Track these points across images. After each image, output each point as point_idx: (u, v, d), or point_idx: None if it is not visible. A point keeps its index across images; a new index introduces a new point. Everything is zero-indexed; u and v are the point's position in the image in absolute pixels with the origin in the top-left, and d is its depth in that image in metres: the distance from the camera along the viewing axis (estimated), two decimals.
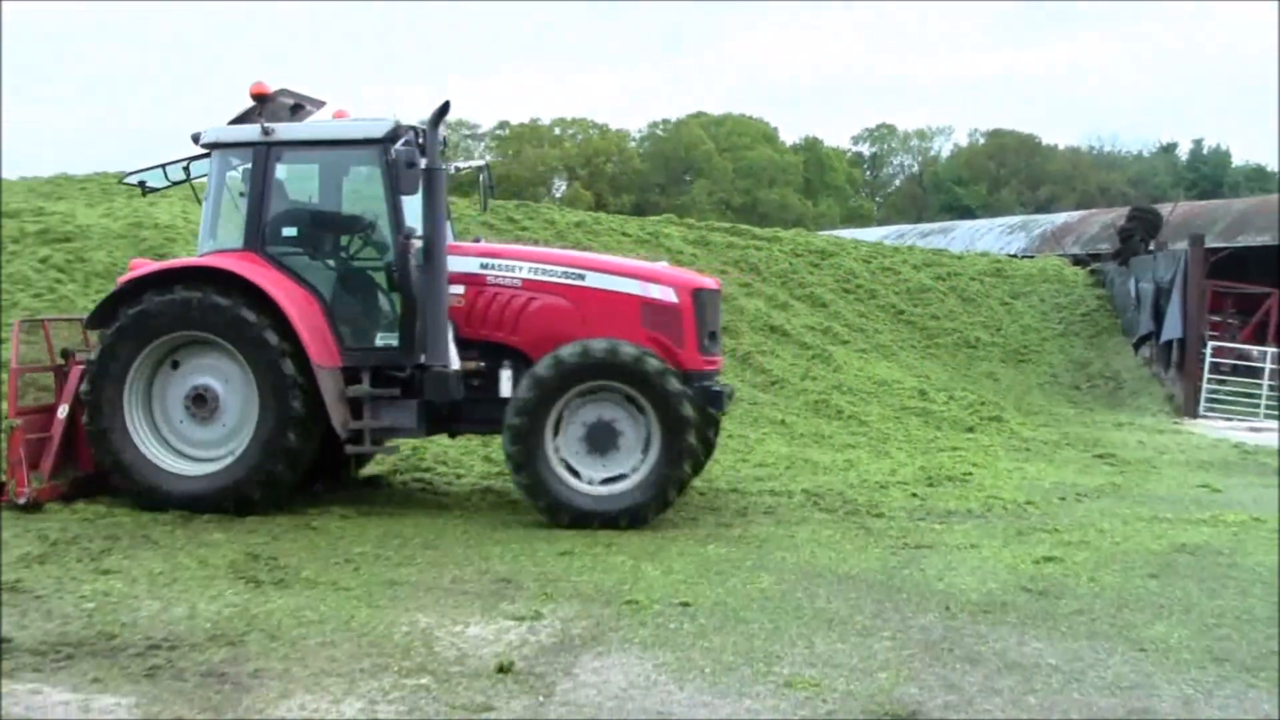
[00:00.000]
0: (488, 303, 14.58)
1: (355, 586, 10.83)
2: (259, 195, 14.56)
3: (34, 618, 9.62)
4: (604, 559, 12.11)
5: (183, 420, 14.48)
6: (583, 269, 14.63)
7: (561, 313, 14.42)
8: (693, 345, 14.39)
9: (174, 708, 7.62)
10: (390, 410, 14.41)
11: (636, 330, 14.19)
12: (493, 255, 14.85)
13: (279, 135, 14.59)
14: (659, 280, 14.61)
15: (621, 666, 8.64)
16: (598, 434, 13.94)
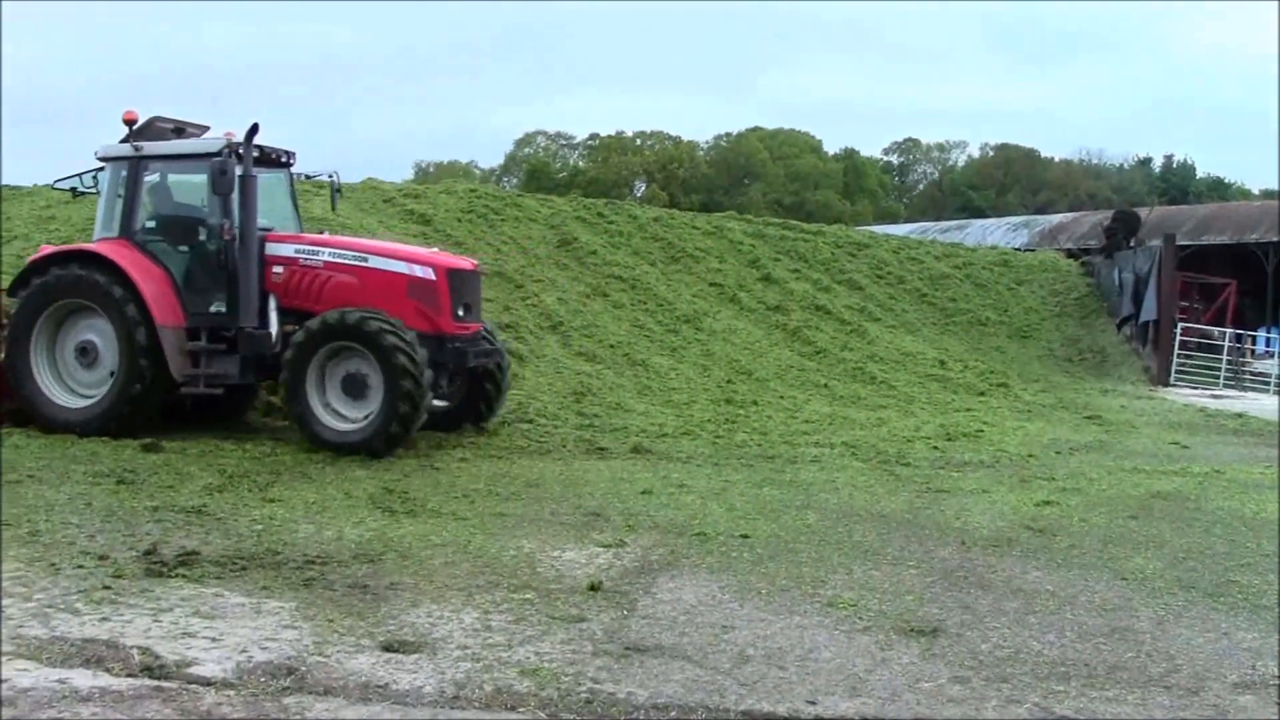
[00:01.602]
0: (300, 280, 15.28)
1: (471, 517, 10.90)
2: (130, 197, 15.65)
3: (215, 536, 9.76)
4: (677, 498, 12.14)
5: (75, 366, 15.56)
6: (367, 253, 15.39)
7: (351, 287, 15.09)
8: (447, 314, 15.10)
9: (326, 611, 7.71)
10: (220, 361, 15.24)
11: (404, 301, 14.94)
12: (304, 242, 15.61)
13: (145, 151, 15.62)
14: (421, 261, 15.27)
15: (692, 587, 8.66)
16: (351, 383, 14.60)
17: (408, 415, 14.27)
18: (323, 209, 24.39)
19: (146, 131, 15.85)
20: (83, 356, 15.49)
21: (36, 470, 12.59)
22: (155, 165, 15.84)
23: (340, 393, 14.70)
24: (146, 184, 15.81)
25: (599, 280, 26.78)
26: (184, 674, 6.48)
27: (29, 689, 6.17)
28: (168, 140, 15.94)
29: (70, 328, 15.56)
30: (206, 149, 15.27)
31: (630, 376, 21.63)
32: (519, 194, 35.11)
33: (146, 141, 15.69)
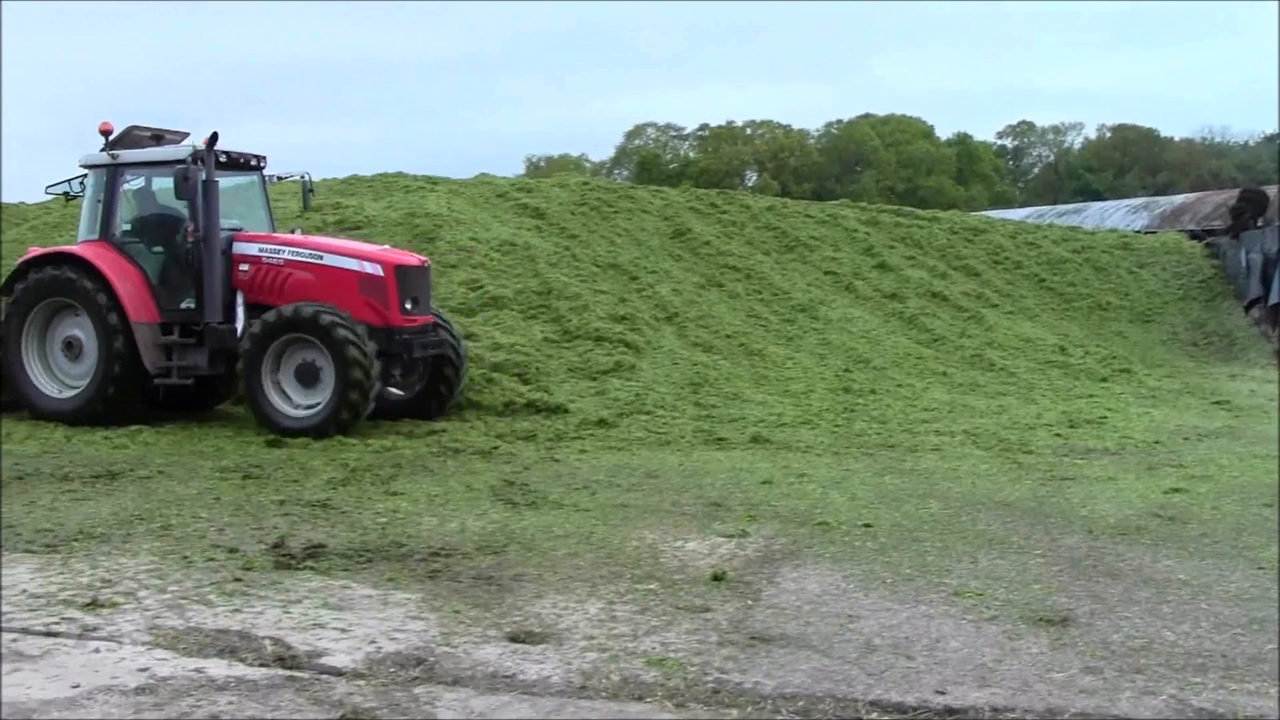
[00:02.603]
0: (264, 277, 16.17)
1: (593, 508, 10.96)
2: (108, 202, 16.60)
3: (341, 529, 9.92)
4: (798, 487, 12.09)
5: (62, 359, 16.62)
6: (323, 251, 16.22)
7: (308, 284, 15.93)
8: (395, 308, 15.86)
9: (452, 603, 7.80)
10: (190, 353, 16.19)
11: (355, 297, 15.77)
12: (267, 242, 16.44)
13: (121, 159, 16.56)
14: (371, 259, 16.02)
15: (816, 577, 8.63)
16: (304, 372, 15.41)
17: (357, 402, 15.10)
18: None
19: (125, 140, 16.83)
20: (69, 350, 16.57)
21: (166, 466, 12.91)
22: (130, 172, 16.78)
23: (294, 381, 15.55)
24: (123, 189, 16.78)
25: (713, 271, 26.74)
26: (315, 664, 6.60)
27: (168, 678, 6.32)
28: (145, 148, 16.91)
29: (58, 324, 16.65)
30: (173, 156, 16.28)
31: (747, 366, 21.57)
32: (631, 186, 35.17)
33: (126, 150, 16.68)
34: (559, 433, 15.72)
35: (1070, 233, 36.42)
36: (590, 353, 20.37)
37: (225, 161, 16.52)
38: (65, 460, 13.31)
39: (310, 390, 15.43)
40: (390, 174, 30.99)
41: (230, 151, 16.60)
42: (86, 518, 10.24)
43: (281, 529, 9.84)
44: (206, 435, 15.21)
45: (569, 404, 17.54)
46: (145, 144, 16.98)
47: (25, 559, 8.89)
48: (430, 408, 16.81)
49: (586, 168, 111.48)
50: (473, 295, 22.01)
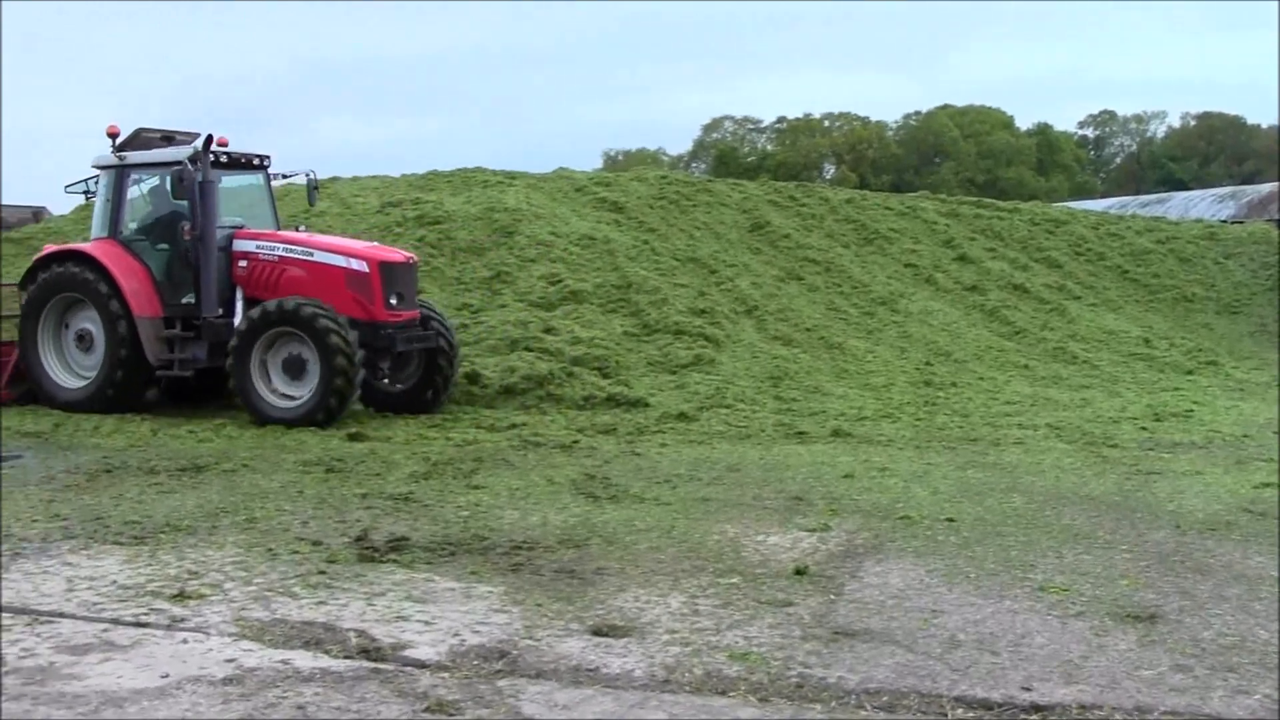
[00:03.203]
0: (260, 273, 16.69)
1: (674, 502, 10.95)
2: (116, 201, 17.33)
3: (423, 522, 9.98)
4: (880, 481, 12.02)
5: (75, 351, 17.42)
6: (313, 248, 16.65)
7: (301, 279, 16.41)
8: (380, 303, 16.25)
9: (534, 596, 7.82)
10: (191, 346, 16.78)
11: (342, 292, 16.20)
12: (263, 239, 16.92)
13: (128, 160, 17.26)
14: (357, 255, 16.44)
15: (899, 571, 8.57)
16: (291, 365, 15.91)
17: (342, 391, 15.58)
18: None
19: (135, 142, 17.51)
20: (81, 343, 17.37)
21: (249, 460, 13.06)
22: (136, 173, 17.46)
23: (282, 373, 16.06)
24: (130, 189, 17.51)
25: (793, 264, 26.66)
26: (400, 656, 6.64)
27: (254, 669, 6.39)
28: (154, 149, 17.53)
29: (72, 318, 17.42)
30: (173, 157, 16.81)
31: (827, 360, 21.50)
32: (709, 179, 35.13)
33: (135, 151, 17.36)
34: (639, 426, 15.74)
35: (1154, 223, 36.03)
36: (670, 346, 20.38)
37: (229, 162, 17.21)
38: (151, 454, 13.50)
39: (297, 382, 15.92)
40: (469, 169, 31.13)
41: (234, 152, 17.29)
42: (173, 510, 10.38)
43: (364, 522, 9.92)
44: (289, 430, 15.36)
45: (649, 398, 17.56)
46: (155, 145, 17.63)
47: (114, 550, 9.03)
48: (426, 400, 17.23)
49: (664, 161, 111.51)
50: (552, 289, 22.08)
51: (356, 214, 25.58)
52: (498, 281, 22.56)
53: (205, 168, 16.59)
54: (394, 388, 17.26)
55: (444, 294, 22.00)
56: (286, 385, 16.00)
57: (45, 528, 9.76)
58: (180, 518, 10.07)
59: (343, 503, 10.75)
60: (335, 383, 15.47)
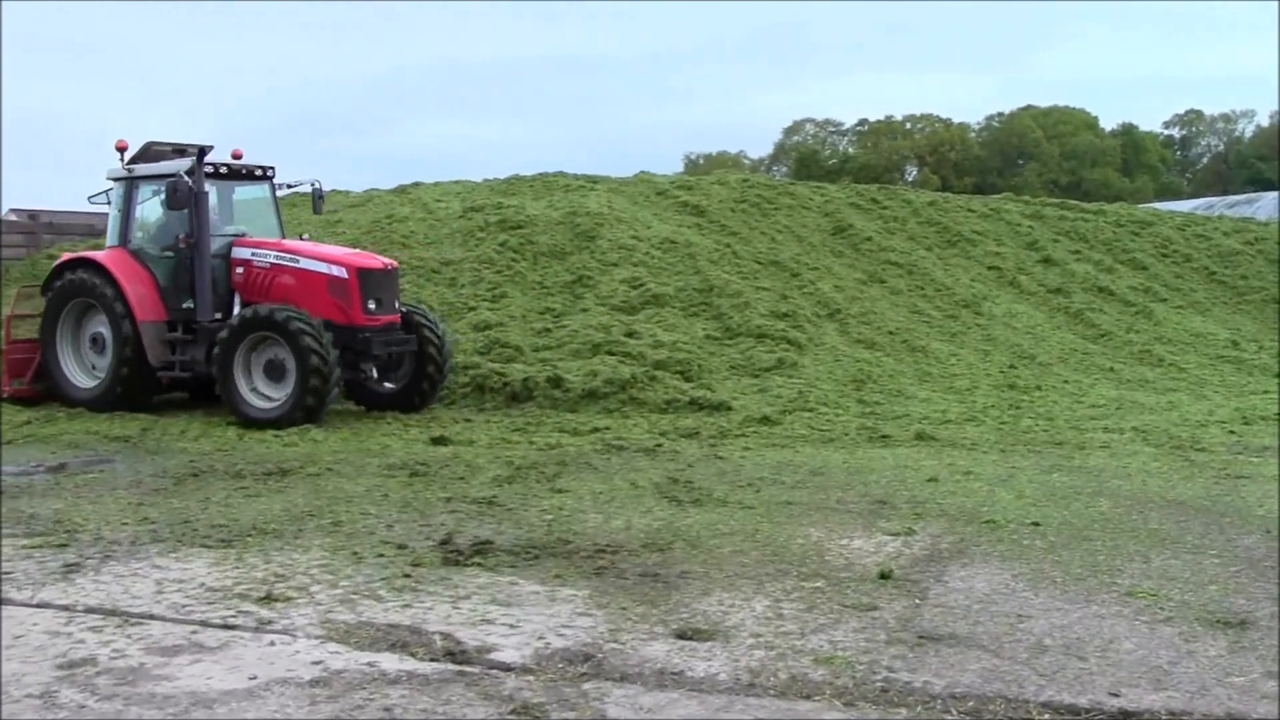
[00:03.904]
0: (254, 279, 17.44)
1: (757, 505, 10.92)
2: (126, 211, 18.25)
3: (507, 526, 10.02)
4: (964, 485, 11.92)
5: (90, 352, 18.36)
6: (299, 255, 17.30)
7: (289, 285, 17.14)
8: (358, 308, 16.86)
9: (619, 599, 7.83)
10: (190, 348, 17.50)
11: (325, 297, 16.91)
12: (258, 246, 17.68)
13: (135, 173, 18.10)
14: (338, 262, 17.05)
15: (984, 575, 8.49)
16: (272, 368, 16.57)
17: (317, 392, 16.15)
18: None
19: (146, 155, 18.31)
20: (94, 345, 18.29)
21: (334, 464, 13.17)
22: (142, 184, 18.26)
23: (264, 376, 16.71)
24: (138, 200, 18.33)
25: (875, 267, 26.54)
26: (485, 659, 6.67)
27: (341, 671, 6.44)
28: (163, 162, 18.20)
29: (88, 321, 18.34)
30: (173, 170, 17.47)
31: (910, 363, 21.37)
32: (790, 182, 35.05)
33: (144, 164, 18.15)
34: (722, 430, 15.73)
35: (1242, 224, 35.50)
36: (752, 350, 20.36)
37: (229, 173, 18.13)
38: (237, 458, 13.67)
39: (278, 384, 16.55)
40: (550, 173, 31.30)
41: (234, 163, 18.16)
42: (259, 514, 10.50)
43: (449, 526, 9.98)
44: (373, 434, 15.50)
45: (732, 401, 17.55)
46: (167, 158, 18.28)
47: (202, 553, 9.14)
48: (415, 400, 17.84)
49: (745, 165, 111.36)
50: (634, 293, 22.13)
51: (439, 219, 25.77)
52: (580, 286, 22.65)
53: (200, 179, 17.35)
54: (385, 387, 17.94)
55: (526, 298, 22.13)
56: (268, 387, 16.67)
57: (135, 531, 9.90)
58: (266, 521, 10.18)
59: (427, 506, 10.82)
60: (311, 384, 16.08)
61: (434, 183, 31.65)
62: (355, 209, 28.43)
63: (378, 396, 17.93)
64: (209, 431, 15.62)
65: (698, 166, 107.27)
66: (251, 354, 16.70)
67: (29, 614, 7.60)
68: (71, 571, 8.61)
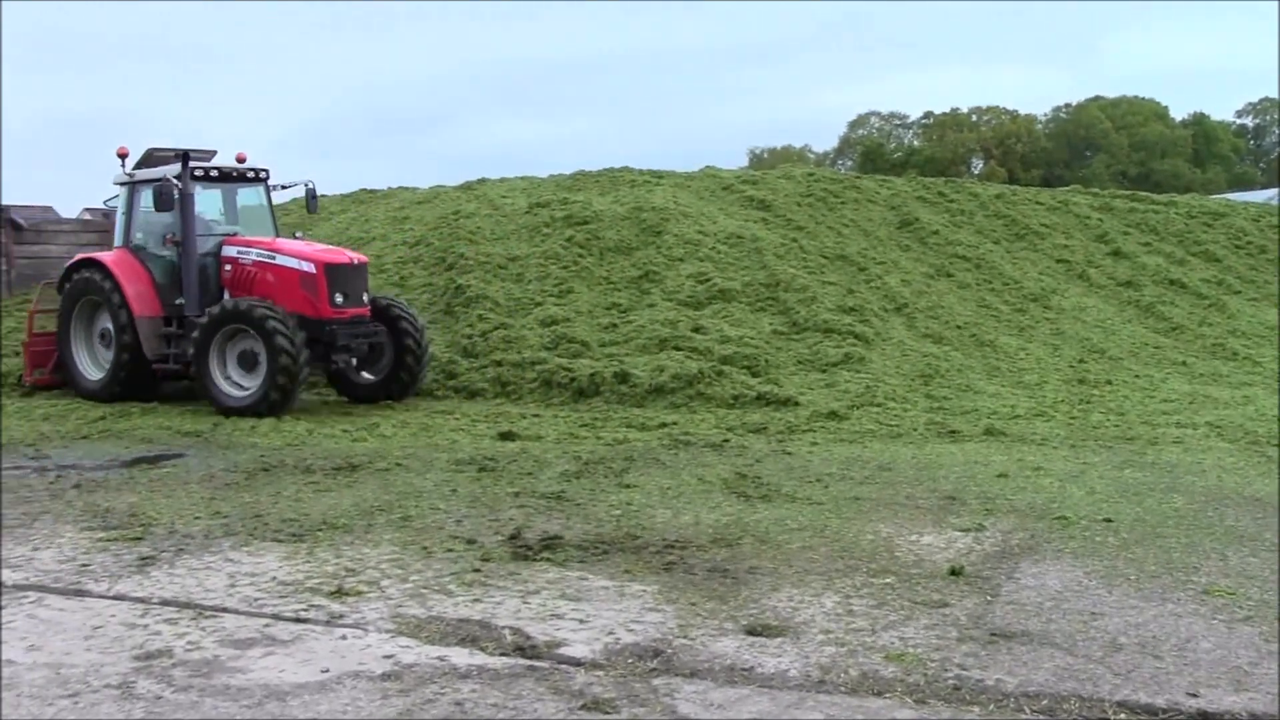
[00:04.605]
0: (239, 275, 18.19)
1: (826, 501, 10.87)
2: (127, 214, 19.26)
3: (576, 521, 10.04)
4: (1035, 481, 11.81)
5: (99, 347, 19.28)
6: (276, 252, 17.98)
7: (267, 281, 17.85)
8: (325, 301, 17.45)
9: (688, 595, 7.82)
10: (183, 342, 18.16)
11: (296, 291, 17.56)
12: (243, 245, 18.36)
13: (136, 178, 19.01)
14: (307, 258, 17.67)
15: (1056, 572, 8.41)
16: (245, 359, 17.24)
17: (285, 384, 16.77)
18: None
19: (149, 161, 19.21)
20: (102, 340, 19.22)
21: (403, 459, 13.23)
22: (141, 189, 18.95)
23: (238, 366, 17.38)
24: (139, 203, 19.07)
25: (942, 260, 26.34)
26: (555, 654, 6.68)
27: (412, 665, 6.48)
28: (163, 166, 18.95)
29: (98, 317, 19.28)
30: (164, 174, 18.31)
31: (978, 358, 21.19)
32: (856, 176, 34.84)
33: (149, 169, 18.95)
34: (790, 425, 15.66)
35: None
36: (819, 345, 20.26)
37: (220, 175, 18.88)
38: (307, 453, 13.76)
39: (251, 374, 17.19)
40: (616, 168, 31.30)
41: (224, 166, 18.95)
42: (329, 508, 10.58)
43: (518, 521, 10.00)
44: (440, 430, 15.57)
45: (799, 396, 17.46)
46: (168, 163, 18.97)
47: (273, 547, 9.22)
48: (395, 391, 18.51)
49: (810, 158, 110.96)
50: (701, 288, 22.08)
51: (505, 214, 25.83)
52: (646, 281, 22.63)
53: (186, 182, 18.17)
54: (363, 378, 18.69)
55: (592, 294, 22.14)
56: (241, 377, 17.33)
57: (207, 524, 10.01)
58: (337, 516, 10.25)
59: (496, 501, 10.86)
60: (278, 379, 16.71)
61: (500, 179, 31.75)
62: (422, 205, 28.56)
63: (359, 387, 18.71)
64: (279, 427, 15.72)
65: (762, 161, 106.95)
66: (226, 345, 17.42)
67: (106, 605, 7.71)
68: (147, 564, 8.73)
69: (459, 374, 19.61)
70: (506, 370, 19.36)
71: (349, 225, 27.99)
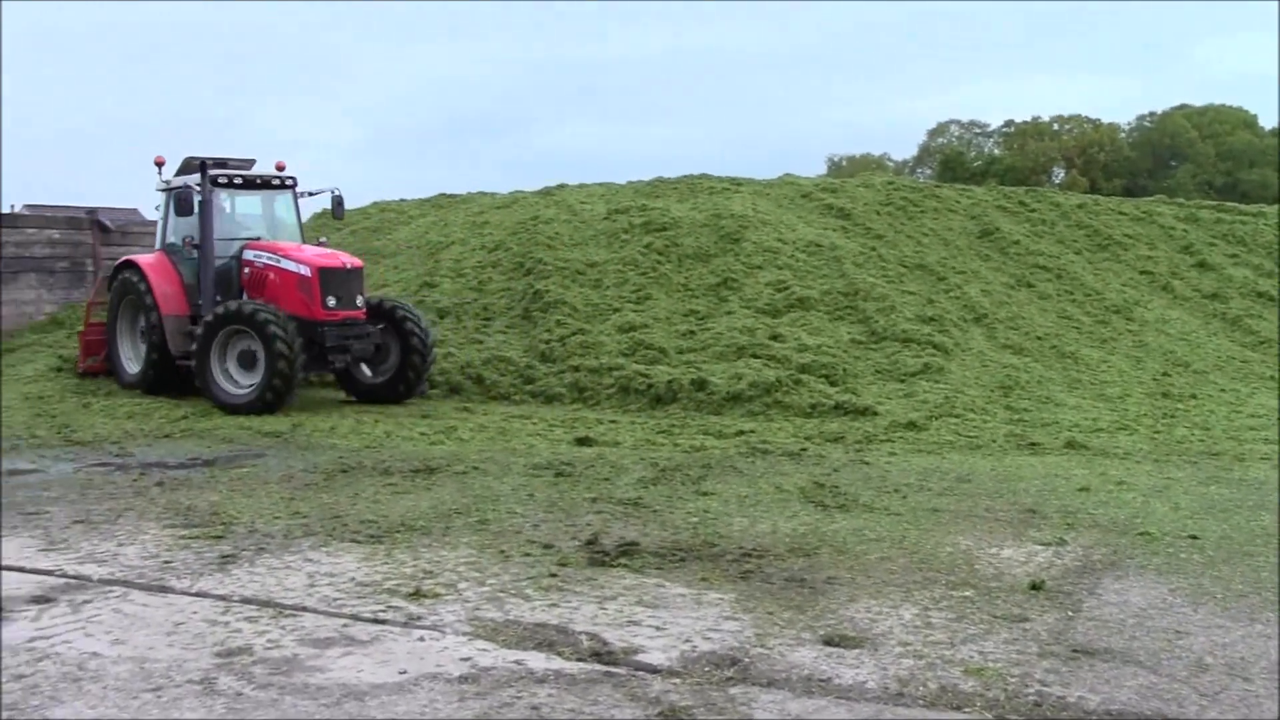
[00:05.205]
0: (254, 278, 19.03)
1: (904, 512, 10.79)
2: (164, 219, 20.32)
3: (653, 528, 10.02)
4: (1117, 495, 11.64)
5: (140, 342, 20.06)
6: (281, 256, 18.80)
7: (275, 283, 18.67)
8: (318, 303, 18.29)
9: (765, 604, 7.78)
10: None
11: (294, 293, 18.43)
12: (258, 249, 19.21)
13: (170, 185, 19.79)
14: (303, 262, 18.50)
15: (1139, 589, 8.28)
16: (245, 358, 18.08)
17: (281, 383, 17.51)
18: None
19: (188, 168, 19.87)
20: (142, 335, 20.05)
21: (480, 462, 13.28)
22: (174, 195, 19.58)
23: (238, 365, 18.18)
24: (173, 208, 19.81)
25: (1023, 271, 26.10)
26: (632, 660, 6.66)
27: (489, 668, 6.49)
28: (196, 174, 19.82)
29: (139, 314, 20.04)
30: (187, 182, 19.29)
31: (1059, 369, 20.98)
32: (936, 185, 34.62)
33: (184, 176, 19.70)
34: (867, 435, 15.57)
35: None
36: (898, 354, 20.15)
37: (244, 183, 19.95)
38: (385, 455, 13.85)
39: (250, 373, 18.00)
40: (695, 175, 31.30)
41: (249, 174, 20.04)
42: (407, 510, 10.63)
43: (594, 526, 10.01)
44: (518, 434, 15.62)
45: (877, 406, 17.37)
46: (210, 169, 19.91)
47: (352, 548, 9.29)
48: (400, 390, 19.19)
49: (889, 167, 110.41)
50: (779, 296, 22.03)
51: (583, 220, 25.90)
52: (724, 288, 22.61)
53: (206, 189, 19.19)
54: (369, 377, 19.32)
55: (670, 300, 22.15)
56: (241, 375, 18.14)
57: (287, 524, 10.09)
58: (414, 518, 10.31)
59: (573, 507, 10.87)
60: (276, 373, 17.43)
61: (578, 184, 31.84)
62: (501, 210, 28.70)
63: (365, 387, 19.40)
64: (358, 429, 15.86)
65: (841, 169, 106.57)
66: (228, 345, 18.19)
67: (188, 602, 7.80)
68: (228, 562, 8.82)
69: (536, 379, 19.70)
70: (584, 376, 19.43)
71: (428, 230, 28.18)
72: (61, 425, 16.31)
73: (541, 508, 10.80)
